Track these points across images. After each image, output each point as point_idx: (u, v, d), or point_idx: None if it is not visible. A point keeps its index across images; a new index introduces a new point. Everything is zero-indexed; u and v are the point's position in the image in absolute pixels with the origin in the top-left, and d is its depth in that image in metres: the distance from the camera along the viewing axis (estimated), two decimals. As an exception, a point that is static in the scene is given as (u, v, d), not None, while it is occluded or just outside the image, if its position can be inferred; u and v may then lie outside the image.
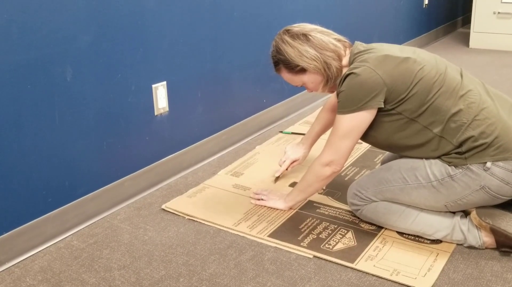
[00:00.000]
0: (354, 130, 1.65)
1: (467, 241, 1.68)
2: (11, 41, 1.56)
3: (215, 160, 2.43)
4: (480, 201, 1.63)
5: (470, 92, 1.63)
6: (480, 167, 1.58)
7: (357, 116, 1.63)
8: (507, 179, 1.57)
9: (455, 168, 1.61)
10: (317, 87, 1.78)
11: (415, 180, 1.66)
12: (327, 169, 1.73)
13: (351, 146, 1.69)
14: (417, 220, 1.71)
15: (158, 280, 1.58)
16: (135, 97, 2.01)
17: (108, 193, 1.97)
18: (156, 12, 2.03)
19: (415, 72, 1.62)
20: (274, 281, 1.56)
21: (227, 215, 1.91)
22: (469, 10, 5.53)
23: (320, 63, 1.71)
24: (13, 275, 1.62)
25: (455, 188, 1.61)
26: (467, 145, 1.58)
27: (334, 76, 1.73)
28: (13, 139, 1.62)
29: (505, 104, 1.67)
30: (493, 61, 4.11)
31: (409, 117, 1.63)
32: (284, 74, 1.79)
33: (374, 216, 1.77)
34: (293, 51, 1.71)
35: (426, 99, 1.61)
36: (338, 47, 1.73)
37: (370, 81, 1.60)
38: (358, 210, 1.79)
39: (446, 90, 1.61)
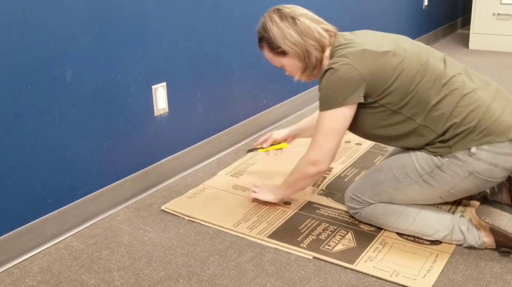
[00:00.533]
0: (337, 127, 1.66)
1: (467, 241, 1.69)
2: (11, 42, 1.56)
3: (214, 161, 2.43)
4: (472, 187, 1.63)
5: (452, 79, 1.62)
6: (465, 153, 1.58)
7: (338, 112, 1.63)
8: (495, 161, 1.56)
9: (441, 158, 1.61)
10: (295, 72, 1.78)
11: (406, 177, 1.67)
12: (312, 168, 1.73)
13: (336, 144, 1.68)
14: (416, 221, 1.71)
15: (158, 281, 1.58)
16: (135, 98, 2.01)
17: (108, 194, 1.97)
18: (156, 13, 2.03)
19: (395, 66, 1.61)
20: (273, 282, 1.56)
21: (227, 216, 1.91)
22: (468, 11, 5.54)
23: (301, 50, 1.70)
24: (13, 276, 1.62)
25: (445, 178, 1.62)
26: (450, 132, 1.59)
27: (312, 65, 1.72)
28: (13, 140, 1.62)
29: (488, 87, 1.67)
30: (492, 62, 4.11)
31: (392, 109, 1.63)
32: (266, 52, 1.78)
33: (373, 218, 1.77)
34: (277, 32, 1.70)
35: (408, 91, 1.61)
36: (323, 37, 1.71)
37: (348, 76, 1.60)
38: (357, 213, 1.80)
39: (428, 80, 1.61)
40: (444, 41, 5.00)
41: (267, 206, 1.96)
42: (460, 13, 5.60)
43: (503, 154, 1.56)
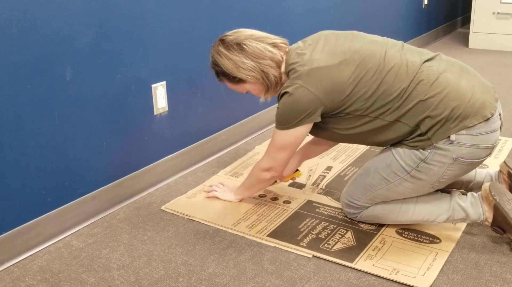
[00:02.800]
0: (290, 144, 1.70)
1: (469, 217, 1.69)
2: (11, 41, 1.56)
3: (214, 160, 2.43)
4: (460, 171, 1.65)
5: (418, 70, 1.61)
6: (445, 142, 1.59)
7: (292, 132, 1.66)
8: (476, 143, 1.58)
9: (423, 151, 1.62)
10: (259, 94, 1.79)
11: (395, 177, 1.67)
12: (266, 173, 1.81)
13: (287, 157, 1.75)
14: (416, 211, 1.73)
15: (157, 280, 1.58)
16: (134, 97, 2.01)
17: (108, 193, 1.97)
18: (155, 12, 2.03)
19: (350, 76, 1.60)
20: (273, 281, 1.56)
21: (226, 215, 1.91)
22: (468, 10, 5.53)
23: (258, 73, 1.69)
24: (12, 275, 1.62)
25: (432, 170, 1.62)
26: (425, 125, 1.59)
27: (273, 84, 1.72)
28: (13, 139, 1.62)
29: (453, 68, 1.66)
30: (492, 61, 4.11)
31: (357, 114, 1.63)
32: (227, 83, 1.78)
33: (374, 218, 1.79)
34: (229, 63, 1.69)
35: (369, 96, 1.60)
36: (275, 54, 1.69)
37: (304, 99, 1.60)
38: (356, 217, 1.81)
39: (390, 78, 1.60)
40: (444, 40, 5.00)
41: (267, 205, 1.97)
42: (460, 12, 5.60)
43: (482, 134, 1.58)
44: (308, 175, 2.21)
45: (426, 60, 1.65)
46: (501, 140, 2.54)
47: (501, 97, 3.22)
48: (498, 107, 1.65)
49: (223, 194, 2.02)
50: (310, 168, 2.28)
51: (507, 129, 2.70)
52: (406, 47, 1.70)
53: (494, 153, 2.39)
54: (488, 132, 1.59)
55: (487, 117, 1.58)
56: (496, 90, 1.69)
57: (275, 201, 2.00)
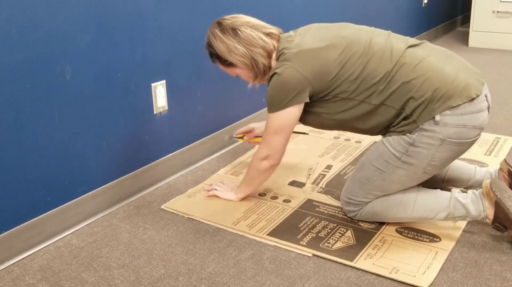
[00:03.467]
0: (283, 126, 1.73)
1: (470, 214, 1.69)
2: (11, 40, 1.56)
3: (214, 159, 2.43)
4: (451, 153, 1.66)
5: (403, 55, 1.65)
6: (431, 123, 1.61)
7: (284, 113, 1.70)
8: (462, 122, 1.60)
9: (410, 135, 1.64)
10: (248, 80, 1.85)
11: (387, 165, 1.69)
12: (265, 162, 1.82)
13: (283, 141, 1.77)
14: (416, 208, 1.73)
15: (158, 279, 1.58)
16: (134, 96, 2.01)
17: (108, 192, 1.97)
18: (155, 11, 2.03)
19: (336, 58, 1.65)
20: (273, 280, 1.56)
21: (226, 214, 1.91)
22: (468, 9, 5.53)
23: (248, 60, 1.76)
24: (13, 274, 1.62)
25: (421, 153, 1.64)
26: (409, 107, 1.62)
27: (261, 72, 1.79)
28: (13, 138, 1.62)
29: (438, 54, 1.70)
30: (492, 60, 4.11)
31: (344, 97, 1.68)
32: (219, 65, 1.86)
33: (374, 215, 1.79)
34: (222, 47, 1.77)
35: (355, 78, 1.65)
36: (267, 43, 1.76)
37: (292, 79, 1.66)
38: (356, 215, 1.82)
39: (374, 61, 1.64)
40: (443, 39, 4.99)
41: (266, 204, 1.97)
42: (459, 11, 5.60)
43: (467, 114, 1.60)
44: (308, 174, 2.21)
45: (411, 45, 1.69)
46: (500, 139, 2.54)
47: (501, 95, 3.22)
48: (484, 89, 1.65)
49: (223, 193, 2.02)
50: (310, 167, 2.28)
51: (507, 129, 2.70)
52: (392, 35, 1.75)
53: (494, 152, 2.39)
54: (474, 112, 1.61)
55: (471, 97, 1.60)
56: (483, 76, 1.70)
57: (275, 200, 2.00)
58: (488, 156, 2.36)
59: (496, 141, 2.52)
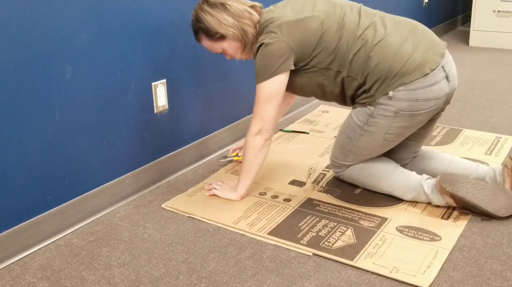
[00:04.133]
0: (273, 94, 1.83)
1: (432, 201, 1.89)
2: (11, 39, 1.56)
3: (215, 158, 2.43)
4: (407, 123, 1.82)
5: (366, 31, 1.80)
6: (385, 98, 1.78)
7: (272, 82, 1.81)
8: (414, 96, 1.76)
9: (370, 107, 1.82)
10: (235, 53, 1.93)
11: (354, 133, 1.89)
12: (258, 137, 1.88)
13: (274, 111, 1.85)
14: (389, 182, 1.93)
15: (158, 277, 1.58)
16: (134, 95, 2.01)
17: (108, 191, 1.97)
18: (155, 10, 2.03)
19: (315, 30, 1.79)
20: (273, 279, 1.56)
21: (227, 213, 1.91)
22: (469, 8, 5.53)
23: (238, 30, 1.85)
24: (13, 272, 1.62)
25: (379, 123, 1.82)
26: (368, 82, 1.79)
27: (251, 42, 1.89)
28: (13, 137, 1.62)
29: (403, 29, 1.82)
30: (492, 59, 4.11)
31: (322, 67, 1.83)
32: (205, 42, 1.92)
33: (353, 180, 2.02)
34: (212, 19, 1.85)
35: (331, 49, 1.80)
36: (253, 15, 1.87)
37: (277, 48, 1.78)
38: (340, 175, 2.05)
39: (346, 34, 1.80)
40: (444, 38, 4.99)
41: (267, 203, 1.97)
42: (460, 10, 5.59)
43: (420, 88, 1.75)
44: (309, 174, 2.21)
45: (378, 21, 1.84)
46: (501, 138, 2.54)
47: (500, 95, 3.22)
48: (442, 61, 1.77)
49: (223, 192, 2.02)
50: (311, 166, 2.28)
51: (508, 128, 2.70)
52: (363, 9, 1.89)
53: (494, 152, 2.39)
54: (426, 86, 1.75)
55: (425, 73, 1.74)
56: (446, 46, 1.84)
57: (275, 199, 2.00)
58: (488, 155, 2.36)
59: (497, 141, 2.52)
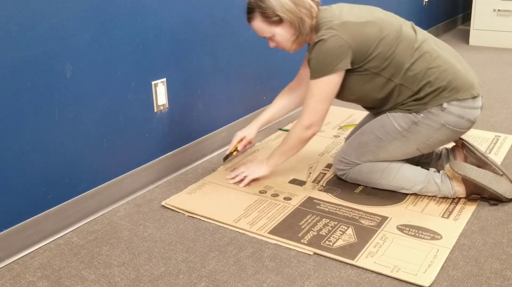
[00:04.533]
0: (328, 92, 1.85)
1: (441, 191, 1.93)
2: (11, 38, 1.56)
3: (215, 157, 2.43)
4: (444, 137, 1.89)
5: (423, 44, 1.86)
6: (438, 108, 1.83)
7: (329, 79, 1.82)
8: (462, 114, 1.83)
9: (416, 115, 1.86)
10: (285, 41, 1.90)
11: (387, 136, 1.90)
12: (308, 131, 1.92)
13: (327, 108, 1.89)
14: (397, 176, 1.95)
15: (158, 276, 1.58)
16: (134, 94, 2.01)
17: (108, 190, 1.97)
18: (156, 8, 2.02)
19: (375, 34, 1.82)
20: (273, 278, 1.56)
21: (227, 211, 1.91)
22: (469, 8, 5.53)
23: (296, 17, 1.84)
24: (13, 271, 1.62)
25: (420, 132, 1.87)
26: (425, 90, 1.83)
27: (306, 32, 1.87)
28: (13, 136, 1.62)
29: (451, 53, 1.92)
30: (493, 59, 4.11)
31: (374, 71, 1.85)
32: (257, 22, 1.89)
33: (359, 177, 2.00)
34: (275, 1, 1.82)
35: (387, 56, 1.82)
36: (312, 7, 1.86)
37: (337, 46, 1.79)
38: (344, 174, 2.04)
39: (403, 45, 1.84)
40: (444, 37, 4.99)
41: (267, 202, 1.97)
42: (460, 9, 5.59)
43: (468, 108, 1.84)
44: (309, 173, 2.21)
45: (430, 39, 1.92)
46: (500, 137, 2.54)
47: (501, 94, 3.22)
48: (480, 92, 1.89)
49: (253, 173, 2.07)
50: (311, 165, 2.28)
51: (507, 127, 2.70)
52: (415, 26, 1.95)
53: (494, 150, 2.39)
54: (473, 107, 1.85)
55: (474, 95, 1.84)
56: None
57: (275, 198, 2.00)
58: (488, 154, 2.35)
59: (496, 139, 2.52)
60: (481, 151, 2.02)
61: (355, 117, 2.84)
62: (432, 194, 1.95)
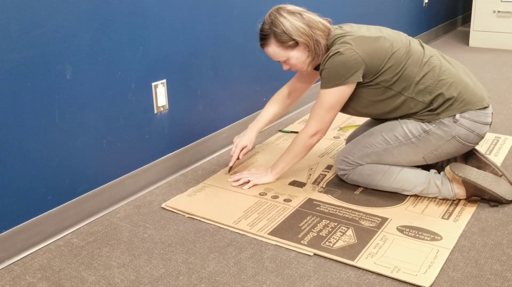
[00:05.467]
0: (337, 102, 1.89)
1: (441, 193, 1.94)
2: (11, 39, 1.56)
3: (215, 158, 2.43)
4: (452, 149, 1.91)
5: (431, 58, 1.90)
6: (450, 119, 1.86)
7: (339, 90, 1.86)
8: (473, 128, 1.86)
9: (428, 124, 1.88)
10: (300, 63, 1.93)
11: (396, 140, 1.92)
12: (314, 138, 1.96)
13: (333, 117, 1.94)
14: (398, 178, 1.96)
15: (158, 278, 1.58)
16: (135, 95, 2.01)
17: (108, 191, 1.97)
18: (156, 10, 2.03)
19: (387, 49, 1.86)
20: (273, 279, 1.56)
21: (227, 213, 1.91)
22: (469, 9, 5.53)
23: (312, 40, 1.88)
24: (13, 273, 1.62)
25: (430, 141, 1.89)
26: (437, 101, 1.85)
27: (321, 52, 1.91)
28: (13, 137, 1.62)
29: (459, 67, 1.96)
30: (492, 60, 4.11)
31: (385, 85, 1.88)
32: (272, 47, 1.92)
33: (360, 178, 2.01)
34: (290, 25, 1.86)
35: (397, 70, 1.86)
36: (326, 27, 1.91)
37: (351, 59, 1.82)
38: (345, 175, 2.04)
39: (413, 59, 1.88)
40: (444, 38, 4.99)
41: (267, 203, 1.97)
42: (460, 11, 5.59)
43: (479, 123, 1.87)
44: (309, 174, 2.21)
45: (438, 54, 1.95)
46: (500, 138, 2.54)
47: (501, 95, 3.22)
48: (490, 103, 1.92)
49: (258, 179, 2.08)
50: (310, 167, 2.28)
51: (507, 128, 2.70)
52: (423, 43, 1.99)
53: (494, 151, 2.39)
54: (483, 123, 1.88)
55: (485, 105, 1.87)
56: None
57: (275, 199, 2.00)
58: (488, 155, 2.35)
59: (496, 140, 2.52)
60: (481, 153, 2.02)
61: (355, 119, 2.84)
62: (432, 196, 1.95)
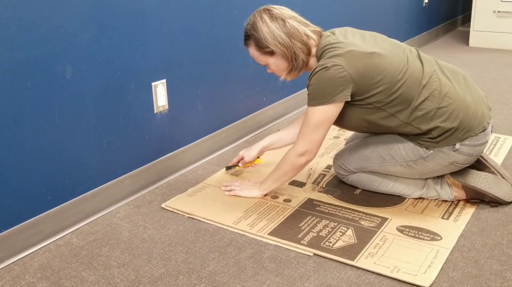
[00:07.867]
0: (323, 121, 1.76)
1: (440, 197, 1.93)
2: (11, 39, 1.56)
3: (214, 158, 2.43)
4: (449, 170, 1.88)
5: (431, 79, 1.76)
6: (450, 148, 1.79)
7: (325, 108, 1.74)
8: (472, 152, 1.82)
9: (427, 150, 1.81)
10: (279, 72, 1.86)
11: (391, 159, 1.87)
12: (302, 158, 1.84)
13: (322, 137, 1.80)
14: (396, 185, 1.95)
15: (158, 277, 1.58)
16: (134, 95, 2.01)
17: (108, 191, 1.97)
18: (156, 10, 2.03)
19: (380, 67, 1.72)
20: (273, 279, 1.56)
21: (227, 213, 1.91)
22: (469, 9, 5.53)
23: (289, 52, 1.77)
24: (13, 272, 1.62)
25: (427, 166, 1.84)
26: (437, 131, 1.77)
27: (299, 67, 1.81)
28: (13, 137, 1.62)
29: (458, 77, 1.84)
30: (492, 60, 4.11)
31: (377, 106, 1.77)
32: (252, 50, 1.85)
33: (359, 184, 2.01)
34: (268, 32, 1.77)
35: (392, 91, 1.73)
36: (310, 39, 1.79)
37: (338, 76, 1.69)
38: (344, 178, 2.04)
39: (410, 81, 1.74)
40: (444, 38, 4.99)
41: (267, 204, 1.97)
42: (460, 11, 5.59)
43: (479, 145, 1.81)
44: (308, 174, 2.21)
45: (437, 69, 1.82)
46: (500, 138, 2.54)
47: (501, 95, 3.22)
48: (491, 115, 1.86)
49: (244, 192, 2.01)
50: (310, 167, 2.28)
51: (508, 128, 2.70)
52: (421, 55, 1.84)
53: (494, 151, 2.39)
54: (482, 143, 1.82)
55: (485, 127, 1.80)
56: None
57: (275, 200, 2.00)
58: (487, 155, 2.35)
59: (496, 141, 2.52)
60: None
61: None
62: (432, 198, 1.96)
